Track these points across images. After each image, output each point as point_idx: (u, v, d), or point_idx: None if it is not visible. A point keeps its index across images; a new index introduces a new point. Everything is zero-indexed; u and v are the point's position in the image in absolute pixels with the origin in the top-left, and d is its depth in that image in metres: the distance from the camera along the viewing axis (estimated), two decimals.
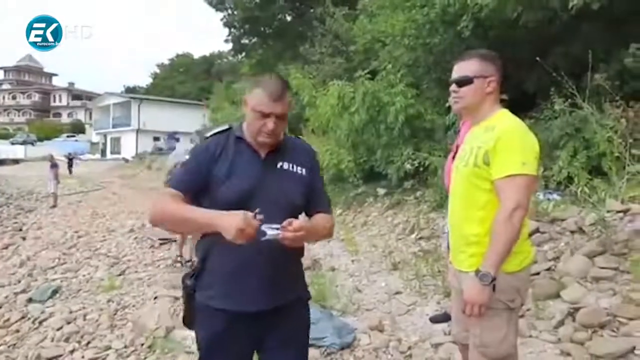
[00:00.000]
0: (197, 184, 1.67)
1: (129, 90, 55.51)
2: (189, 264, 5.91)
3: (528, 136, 1.92)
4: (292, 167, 1.76)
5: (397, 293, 4.61)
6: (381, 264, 5.61)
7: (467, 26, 6.52)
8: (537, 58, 5.58)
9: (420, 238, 6.06)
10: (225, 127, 1.81)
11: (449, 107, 3.90)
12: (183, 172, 1.77)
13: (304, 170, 1.77)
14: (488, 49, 2.15)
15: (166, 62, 55.19)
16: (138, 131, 38.32)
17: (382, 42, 9.30)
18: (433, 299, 4.37)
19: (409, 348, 3.47)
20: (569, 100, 5.38)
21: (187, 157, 1.88)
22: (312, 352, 3.35)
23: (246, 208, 1.52)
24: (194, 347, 3.57)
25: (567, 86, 5.18)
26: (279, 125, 1.67)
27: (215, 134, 1.78)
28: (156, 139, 37.60)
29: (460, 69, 2.02)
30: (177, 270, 5.97)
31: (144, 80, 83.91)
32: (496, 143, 1.85)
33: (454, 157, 3.55)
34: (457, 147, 3.46)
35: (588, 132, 5.21)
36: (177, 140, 35.17)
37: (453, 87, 2.03)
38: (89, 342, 4.05)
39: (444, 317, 3.71)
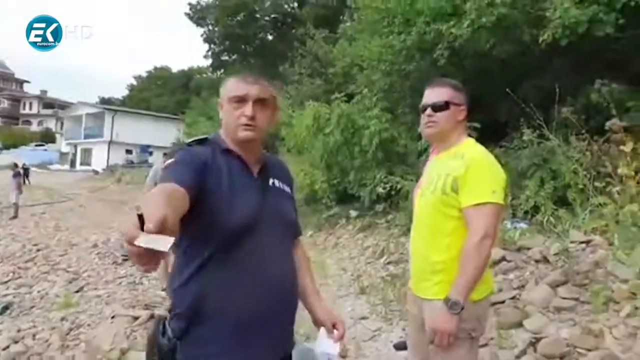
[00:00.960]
0: (194, 180, 1.28)
1: (104, 101, 54.55)
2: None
3: (496, 166, 1.93)
4: (281, 185, 1.59)
5: (363, 318, 4.53)
6: (349, 287, 5.54)
7: (442, 54, 6.67)
8: (508, 90, 5.74)
9: (389, 262, 6.03)
10: (203, 137, 1.55)
11: None
12: (172, 169, 1.34)
13: (288, 188, 1.63)
14: (463, 78, 2.18)
15: (144, 74, 54.70)
16: (110, 143, 37.56)
17: (360, 66, 9.43)
18: (398, 325, 4.31)
19: None
20: (537, 131, 5.53)
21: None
22: None
23: (255, 231, 1.37)
24: None
25: (536, 117, 5.32)
26: (259, 112, 1.45)
27: (194, 141, 1.51)
28: (128, 151, 36.92)
29: (435, 95, 2.00)
30: (139, 289, 5.76)
31: (120, 92, 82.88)
32: (467, 171, 1.85)
33: None
34: None
35: (555, 163, 5.34)
36: (150, 153, 34.63)
37: (428, 111, 2.00)
38: None
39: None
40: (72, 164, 41.18)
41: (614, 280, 3.47)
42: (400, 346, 3.73)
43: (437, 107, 1.98)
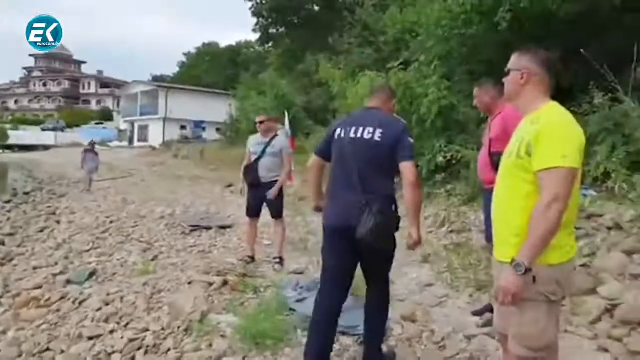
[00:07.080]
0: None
1: (157, 78, 56.19)
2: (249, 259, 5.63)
3: (572, 128, 1.91)
4: None
5: (429, 285, 4.62)
6: (411, 256, 5.59)
7: (504, 17, 6.41)
8: (582, 50, 5.43)
9: (452, 231, 6.03)
10: None
11: None
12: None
13: None
14: (524, 42, 2.27)
15: (193, 51, 55.73)
16: (165, 119, 38.79)
17: (414, 32, 9.21)
18: (465, 291, 4.37)
19: (443, 339, 3.49)
20: (609, 94, 5.26)
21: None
22: (345, 340, 3.40)
23: None
24: (229, 331, 3.68)
25: (610, 80, 5.06)
26: None
27: None
28: (183, 127, 38.02)
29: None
30: (209, 257, 6.09)
31: (171, 69, 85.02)
32: (538, 134, 1.87)
33: (489, 151, 3.56)
34: (491, 140, 3.49)
35: (629, 127, 5.09)
36: (204, 129, 35.53)
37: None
38: (127, 324, 4.12)
39: (487, 309, 3.71)
40: (130, 140, 42.88)
41: None
42: (480, 312, 3.80)
43: (504, 74, 2.16)
